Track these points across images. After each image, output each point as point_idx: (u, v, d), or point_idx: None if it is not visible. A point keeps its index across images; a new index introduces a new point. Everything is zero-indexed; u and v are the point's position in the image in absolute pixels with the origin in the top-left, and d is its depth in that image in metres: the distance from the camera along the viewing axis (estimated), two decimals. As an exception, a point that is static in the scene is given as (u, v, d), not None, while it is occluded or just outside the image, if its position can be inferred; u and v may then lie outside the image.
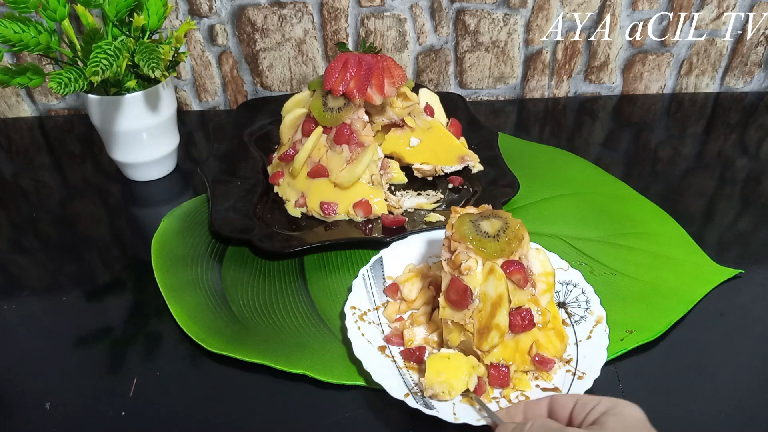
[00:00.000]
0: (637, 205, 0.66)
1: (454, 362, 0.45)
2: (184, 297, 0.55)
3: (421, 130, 0.70)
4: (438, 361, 0.45)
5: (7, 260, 0.62)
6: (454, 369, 0.44)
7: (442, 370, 0.44)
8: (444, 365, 0.44)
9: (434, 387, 0.44)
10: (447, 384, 0.44)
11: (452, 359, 0.45)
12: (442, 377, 0.44)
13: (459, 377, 0.44)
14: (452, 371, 0.44)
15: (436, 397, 0.44)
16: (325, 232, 0.62)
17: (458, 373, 0.44)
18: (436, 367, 0.44)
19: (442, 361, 0.45)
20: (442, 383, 0.44)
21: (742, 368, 0.48)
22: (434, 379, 0.44)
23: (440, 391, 0.44)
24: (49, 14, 0.61)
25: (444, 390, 0.44)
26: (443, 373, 0.44)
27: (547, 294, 0.47)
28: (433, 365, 0.44)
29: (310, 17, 0.83)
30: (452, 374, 0.44)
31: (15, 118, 0.90)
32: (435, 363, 0.45)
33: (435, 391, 0.44)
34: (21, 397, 0.47)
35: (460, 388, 0.44)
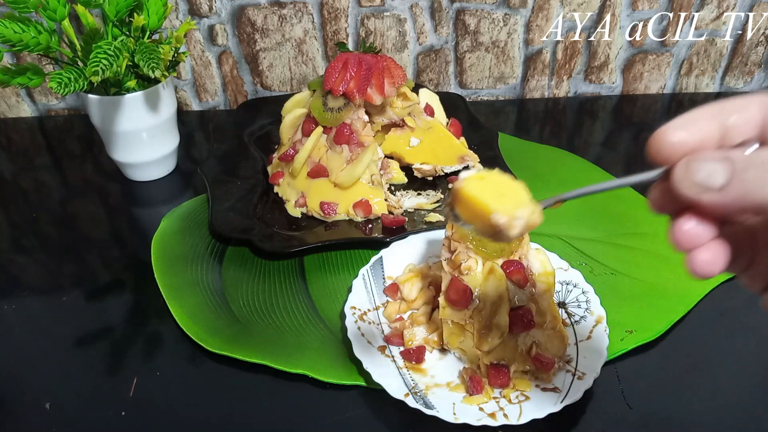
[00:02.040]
0: (637, 205, 0.66)
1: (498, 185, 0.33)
2: (184, 297, 0.55)
3: (421, 130, 0.70)
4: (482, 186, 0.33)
5: (7, 260, 0.62)
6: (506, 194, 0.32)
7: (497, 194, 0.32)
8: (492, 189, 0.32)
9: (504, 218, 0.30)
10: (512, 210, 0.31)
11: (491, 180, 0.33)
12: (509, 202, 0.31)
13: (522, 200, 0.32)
14: (507, 196, 0.32)
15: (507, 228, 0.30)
16: (325, 232, 0.62)
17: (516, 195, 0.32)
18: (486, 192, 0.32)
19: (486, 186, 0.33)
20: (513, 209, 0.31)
21: (742, 368, 0.48)
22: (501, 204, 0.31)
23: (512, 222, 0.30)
24: (49, 14, 0.61)
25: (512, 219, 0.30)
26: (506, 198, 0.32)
27: (547, 294, 0.47)
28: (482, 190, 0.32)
29: (310, 17, 0.83)
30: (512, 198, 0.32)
31: (15, 118, 0.90)
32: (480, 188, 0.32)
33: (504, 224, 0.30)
34: (21, 397, 0.47)
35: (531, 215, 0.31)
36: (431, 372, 0.47)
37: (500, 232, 0.31)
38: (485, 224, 0.31)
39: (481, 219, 0.32)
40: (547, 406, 0.42)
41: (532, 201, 0.32)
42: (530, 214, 0.31)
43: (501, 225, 0.30)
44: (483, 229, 0.32)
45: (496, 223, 0.31)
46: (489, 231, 0.32)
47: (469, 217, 0.33)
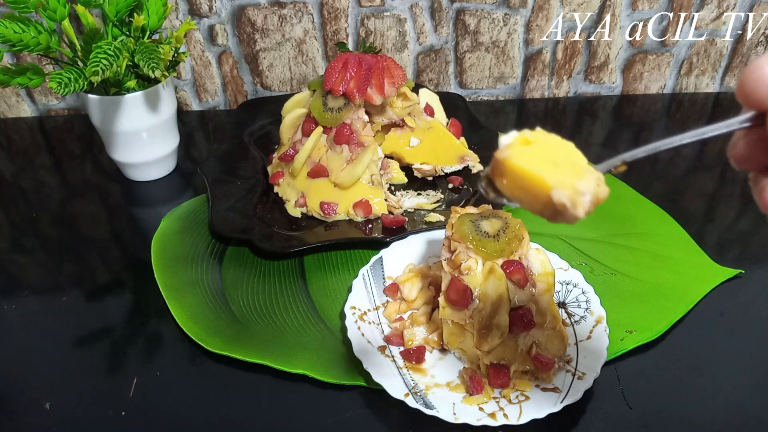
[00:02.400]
0: (637, 205, 0.66)
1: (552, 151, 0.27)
2: (184, 297, 0.55)
3: (421, 130, 0.70)
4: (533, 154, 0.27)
5: (7, 260, 0.62)
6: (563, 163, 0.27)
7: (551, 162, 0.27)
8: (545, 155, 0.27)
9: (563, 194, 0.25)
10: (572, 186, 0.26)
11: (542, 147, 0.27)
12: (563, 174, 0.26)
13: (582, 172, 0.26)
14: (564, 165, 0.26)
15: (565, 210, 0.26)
16: (325, 232, 0.62)
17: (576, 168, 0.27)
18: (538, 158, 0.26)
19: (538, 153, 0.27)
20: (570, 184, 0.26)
21: (742, 368, 0.48)
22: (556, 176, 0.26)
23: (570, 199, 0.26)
24: (49, 14, 0.61)
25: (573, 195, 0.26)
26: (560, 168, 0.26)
27: (547, 294, 0.47)
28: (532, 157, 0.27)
29: (310, 17, 0.83)
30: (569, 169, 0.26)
31: (15, 118, 0.90)
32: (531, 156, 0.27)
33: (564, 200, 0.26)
34: (21, 397, 0.47)
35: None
36: (431, 372, 0.47)
37: (562, 212, 0.25)
38: (541, 202, 0.26)
39: (535, 196, 0.26)
40: (547, 406, 0.42)
41: (590, 167, 0.26)
42: (596, 185, 0.26)
43: (565, 203, 0.25)
44: (537, 208, 0.27)
45: (558, 202, 0.25)
46: (545, 210, 0.26)
47: (517, 194, 0.27)
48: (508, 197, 0.28)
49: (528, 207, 0.27)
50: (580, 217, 0.25)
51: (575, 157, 0.27)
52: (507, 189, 0.28)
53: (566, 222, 0.26)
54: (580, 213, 0.26)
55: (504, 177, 0.27)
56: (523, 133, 0.28)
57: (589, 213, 0.26)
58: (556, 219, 0.26)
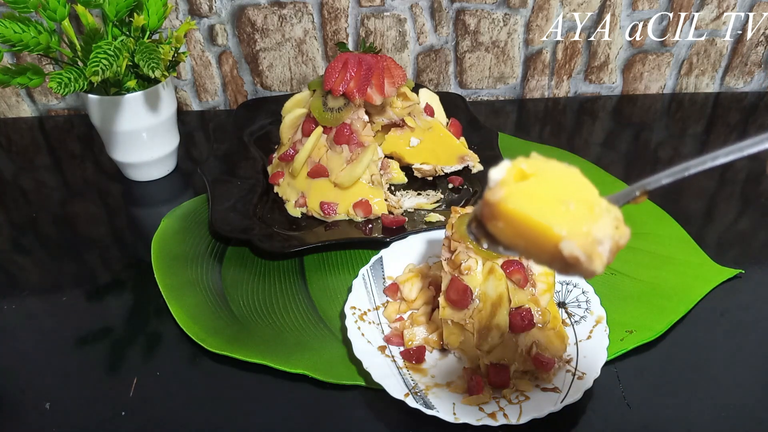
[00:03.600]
0: (637, 205, 0.66)
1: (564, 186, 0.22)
2: (184, 297, 0.55)
3: (421, 130, 0.70)
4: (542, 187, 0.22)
5: (7, 260, 0.62)
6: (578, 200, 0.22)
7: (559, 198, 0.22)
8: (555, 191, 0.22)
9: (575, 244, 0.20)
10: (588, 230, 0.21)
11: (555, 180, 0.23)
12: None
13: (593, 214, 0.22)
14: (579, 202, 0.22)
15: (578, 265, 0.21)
16: (325, 232, 0.62)
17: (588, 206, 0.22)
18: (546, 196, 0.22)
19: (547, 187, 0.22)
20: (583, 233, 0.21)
21: (742, 368, 0.48)
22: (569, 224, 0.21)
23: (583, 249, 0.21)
24: (49, 14, 0.61)
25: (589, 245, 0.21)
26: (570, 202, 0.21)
27: (547, 294, 0.47)
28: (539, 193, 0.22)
29: (310, 17, 0.83)
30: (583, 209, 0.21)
31: (15, 118, 0.90)
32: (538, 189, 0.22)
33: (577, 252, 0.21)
34: (21, 397, 0.47)
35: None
36: (431, 372, 0.47)
37: (575, 266, 0.20)
38: (548, 254, 0.21)
39: (540, 247, 0.21)
40: (547, 406, 0.42)
41: (605, 203, 0.21)
42: (614, 228, 0.21)
43: (578, 257, 0.20)
44: (543, 259, 0.22)
45: (570, 256, 0.20)
46: (554, 262, 0.21)
47: (517, 242, 0.22)
48: (504, 245, 0.23)
49: (532, 258, 0.22)
50: (598, 271, 0.20)
51: (584, 189, 0.22)
52: (503, 236, 0.22)
53: (582, 277, 0.21)
54: (598, 267, 0.20)
55: (499, 223, 0.22)
56: (517, 164, 0.23)
57: (609, 264, 0.21)
58: (568, 272, 0.21)
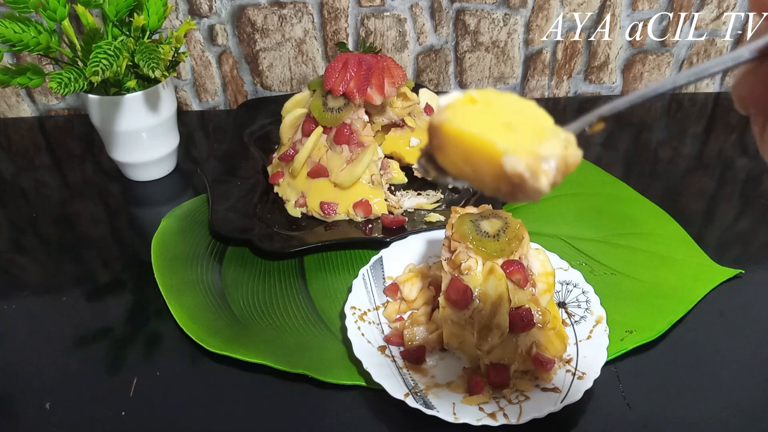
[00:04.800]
0: (637, 205, 0.66)
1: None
2: (184, 297, 0.55)
3: (421, 130, 0.70)
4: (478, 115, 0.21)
5: (7, 260, 0.62)
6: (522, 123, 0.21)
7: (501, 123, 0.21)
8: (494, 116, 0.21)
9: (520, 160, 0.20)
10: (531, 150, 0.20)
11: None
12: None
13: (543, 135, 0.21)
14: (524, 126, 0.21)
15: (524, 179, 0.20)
16: (325, 232, 0.62)
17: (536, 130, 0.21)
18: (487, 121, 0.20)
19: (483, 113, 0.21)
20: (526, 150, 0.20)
21: (742, 368, 0.48)
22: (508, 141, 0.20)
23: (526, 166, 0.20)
24: (49, 14, 0.61)
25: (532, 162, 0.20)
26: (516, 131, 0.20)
27: (547, 294, 0.47)
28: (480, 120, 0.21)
29: (310, 17, 0.83)
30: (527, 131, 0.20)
31: (15, 118, 0.90)
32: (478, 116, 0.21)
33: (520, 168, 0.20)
34: (21, 397, 0.47)
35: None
36: (431, 372, 0.47)
37: (520, 185, 0.19)
38: (492, 175, 0.20)
39: (484, 167, 0.20)
40: (547, 406, 0.42)
41: (557, 128, 0.21)
42: (563, 148, 0.20)
43: (521, 173, 0.19)
44: (489, 184, 0.20)
45: (512, 171, 0.19)
46: (500, 185, 0.20)
47: (462, 168, 0.21)
48: (452, 174, 0.21)
49: (478, 184, 0.21)
50: (544, 189, 0.19)
51: (536, 116, 0.21)
52: (449, 163, 0.21)
53: (528, 199, 0.20)
54: (543, 184, 0.19)
55: (443, 148, 0.21)
56: (467, 92, 0.22)
57: (556, 184, 0.20)
58: (515, 196, 0.20)
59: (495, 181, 0.20)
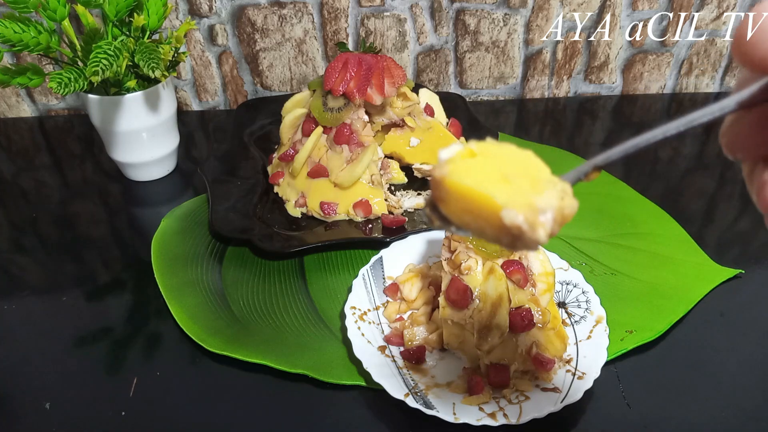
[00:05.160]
0: (637, 205, 0.66)
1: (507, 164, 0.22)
2: (184, 297, 0.55)
3: (421, 130, 0.70)
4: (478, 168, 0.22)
5: (7, 260, 0.62)
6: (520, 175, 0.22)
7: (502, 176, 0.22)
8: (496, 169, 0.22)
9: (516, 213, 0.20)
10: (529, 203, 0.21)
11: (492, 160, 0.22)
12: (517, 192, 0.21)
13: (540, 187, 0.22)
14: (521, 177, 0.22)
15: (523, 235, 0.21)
16: (325, 232, 0.62)
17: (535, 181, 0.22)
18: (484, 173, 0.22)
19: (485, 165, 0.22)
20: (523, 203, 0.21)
21: (742, 368, 0.48)
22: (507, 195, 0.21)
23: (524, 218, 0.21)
24: (49, 14, 0.61)
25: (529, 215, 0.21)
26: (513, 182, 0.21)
27: (547, 294, 0.47)
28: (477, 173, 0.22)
29: (310, 17, 0.83)
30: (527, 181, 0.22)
31: (15, 118, 0.90)
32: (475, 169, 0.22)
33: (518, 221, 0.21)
34: (21, 397, 0.47)
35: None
36: (431, 372, 0.47)
37: (519, 237, 0.20)
38: (493, 227, 0.21)
39: (485, 219, 0.21)
40: (547, 406, 0.42)
41: (554, 178, 0.22)
42: (559, 199, 0.21)
43: (520, 225, 0.20)
44: (490, 234, 0.21)
45: (511, 224, 0.20)
46: (501, 236, 0.21)
47: (464, 219, 0.22)
48: (456, 224, 0.23)
49: (480, 234, 0.22)
50: (542, 240, 0.21)
51: (534, 167, 0.22)
52: (452, 213, 0.22)
53: (527, 249, 0.21)
54: (541, 236, 0.20)
55: (446, 200, 0.22)
56: (467, 145, 0.23)
57: (553, 235, 0.21)
58: (515, 246, 0.21)
59: (496, 232, 0.21)
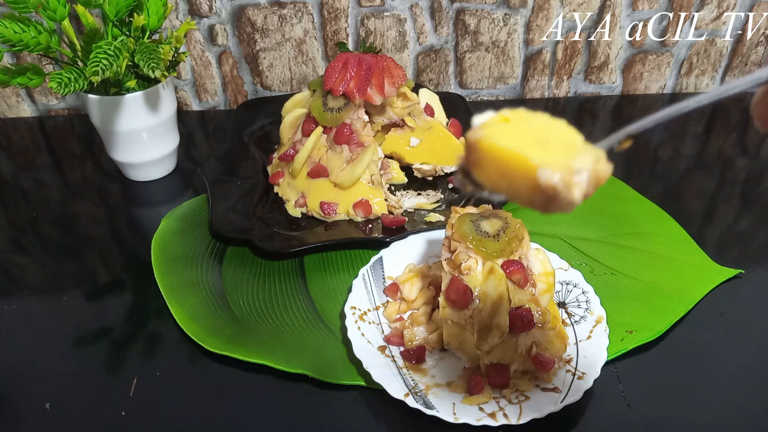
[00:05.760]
0: (637, 205, 0.66)
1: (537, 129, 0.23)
2: (184, 297, 0.55)
3: (421, 130, 0.70)
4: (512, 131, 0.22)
5: (7, 260, 0.62)
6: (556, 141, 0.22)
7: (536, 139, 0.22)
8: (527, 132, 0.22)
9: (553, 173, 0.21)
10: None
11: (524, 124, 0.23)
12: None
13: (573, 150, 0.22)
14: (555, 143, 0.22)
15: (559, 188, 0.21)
16: (325, 232, 0.62)
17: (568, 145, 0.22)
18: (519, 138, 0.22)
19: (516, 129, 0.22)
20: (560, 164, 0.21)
21: (742, 368, 0.48)
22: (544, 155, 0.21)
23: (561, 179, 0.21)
24: (49, 14, 0.61)
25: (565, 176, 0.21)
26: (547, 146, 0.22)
27: (547, 294, 0.47)
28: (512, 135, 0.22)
29: (310, 17, 0.83)
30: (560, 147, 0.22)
31: (15, 118, 0.90)
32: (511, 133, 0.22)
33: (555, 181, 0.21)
34: (21, 397, 0.47)
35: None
36: (431, 372, 0.47)
37: (554, 197, 0.20)
38: (528, 188, 0.21)
39: (519, 181, 0.21)
40: (547, 406, 0.42)
41: (587, 144, 0.22)
42: (594, 162, 0.21)
43: (555, 185, 0.20)
44: (524, 197, 0.21)
45: (547, 183, 0.20)
46: (535, 197, 0.21)
47: (498, 182, 0.22)
48: (489, 188, 0.23)
49: (514, 197, 0.22)
50: (577, 201, 0.20)
51: (568, 134, 0.22)
52: (486, 177, 0.22)
53: (562, 210, 0.21)
54: (576, 196, 0.20)
55: (480, 163, 0.22)
56: (501, 112, 0.23)
57: (588, 196, 0.21)
58: (549, 208, 0.21)
59: (530, 194, 0.21)
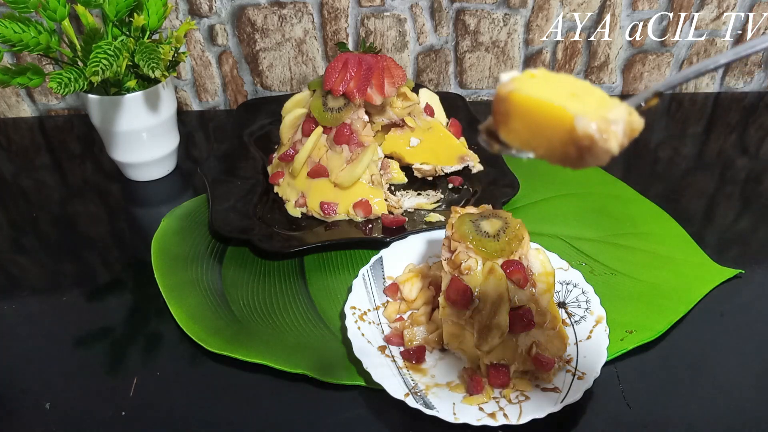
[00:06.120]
0: (637, 205, 0.66)
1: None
2: (184, 297, 0.55)
3: (421, 130, 0.70)
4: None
5: (7, 260, 0.62)
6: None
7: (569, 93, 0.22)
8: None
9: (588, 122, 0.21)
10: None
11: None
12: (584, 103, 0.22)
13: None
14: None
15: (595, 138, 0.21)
16: (325, 232, 0.62)
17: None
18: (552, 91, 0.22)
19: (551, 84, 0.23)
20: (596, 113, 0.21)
21: (742, 368, 0.48)
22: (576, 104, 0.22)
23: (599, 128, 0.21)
24: (49, 14, 0.61)
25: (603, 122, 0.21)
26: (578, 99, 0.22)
27: (547, 294, 0.47)
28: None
29: (310, 17, 0.83)
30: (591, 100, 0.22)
31: (15, 118, 0.90)
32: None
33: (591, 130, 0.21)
34: (21, 397, 0.47)
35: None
36: (431, 372, 0.47)
37: (590, 148, 0.20)
38: (561, 141, 0.21)
39: (553, 133, 0.21)
40: (547, 406, 0.42)
41: (616, 99, 0.22)
42: (628, 113, 0.21)
43: (593, 135, 0.20)
44: (557, 151, 0.21)
45: (584, 133, 0.20)
46: (568, 150, 0.21)
47: (528, 137, 0.22)
48: (517, 146, 0.23)
49: (545, 152, 0.22)
50: (614, 151, 0.20)
51: (596, 91, 0.23)
52: (515, 134, 0.22)
53: (596, 163, 0.21)
54: (613, 145, 0.20)
55: (510, 117, 0.22)
56: (526, 71, 0.23)
57: (623, 147, 0.21)
58: (583, 161, 0.21)
59: (563, 147, 0.21)
